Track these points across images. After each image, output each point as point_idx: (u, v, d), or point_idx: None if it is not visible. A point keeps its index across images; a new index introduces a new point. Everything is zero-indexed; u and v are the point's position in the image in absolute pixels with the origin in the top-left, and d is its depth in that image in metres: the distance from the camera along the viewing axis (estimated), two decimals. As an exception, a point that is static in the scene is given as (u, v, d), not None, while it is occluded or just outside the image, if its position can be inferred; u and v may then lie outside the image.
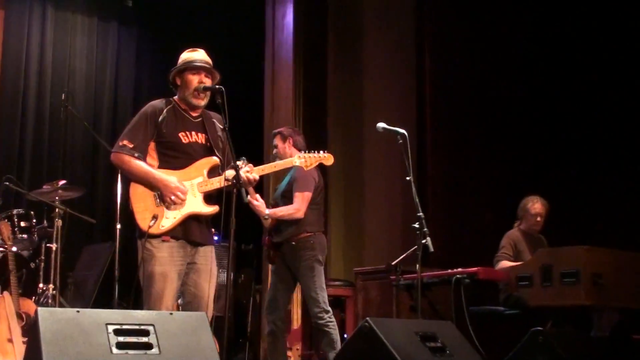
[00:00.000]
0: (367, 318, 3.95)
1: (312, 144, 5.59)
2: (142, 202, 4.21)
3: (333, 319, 5.49)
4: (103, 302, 6.92)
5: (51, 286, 6.31)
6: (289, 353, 6.08)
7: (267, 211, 5.45)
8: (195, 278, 4.32)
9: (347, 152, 8.08)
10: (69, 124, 9.02)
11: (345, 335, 6.81)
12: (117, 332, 3.25)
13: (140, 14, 9.77)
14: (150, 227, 4.13)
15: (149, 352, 3.26)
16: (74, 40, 9.42)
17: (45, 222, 6.59)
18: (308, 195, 5.58)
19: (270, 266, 5.74)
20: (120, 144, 4.30)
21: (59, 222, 6.37)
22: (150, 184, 4.22)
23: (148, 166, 4.27)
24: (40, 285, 6.40)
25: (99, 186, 9.09)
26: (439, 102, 8.19)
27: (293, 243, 5.52)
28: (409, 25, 8.51)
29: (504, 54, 7.80)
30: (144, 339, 3.28)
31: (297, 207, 5.52)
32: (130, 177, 4.28)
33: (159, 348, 3.27)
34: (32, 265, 6.35)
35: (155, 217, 4.15)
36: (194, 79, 4.39)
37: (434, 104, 8.18)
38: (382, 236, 8.29)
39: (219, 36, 9.00)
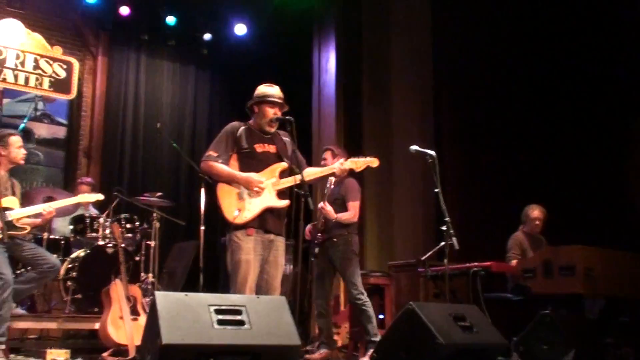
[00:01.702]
0: (410, 302, 3.94)
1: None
2: (227, 199, 4.26)
3: (368, 299, 5.51)
4: (189, 288, 6.97)
5: (150, 275, 6.37)
6: (339, 330, 6.07)
7: (336, 215, 5.44)
8: (267, 268, 4.34)
9: (379, 169, 8.03)
10: (158, 147, 9.19)
11: (381, 316, 6.79)
12: (217, 312, 3.29)
13: (213, 60, 9.86)
14: (235, 218, 4.18)
15: (242, 327, 3.29)
16: (161, 81, 9.57)
17: (144, 224, 6.65)
18: (359, 203, 5.63)
19: (313, 260, 5.73)
20: (207, 154, 4.38)
21: (156, 224, 6.43)
22: (233, 181, 4.27)
23: (231, 168, 4.33)
24: (142, 274, 6.46)
25: (180, 196, 9.17)
26: (454, 127, 8.16)
27: (335, 240, 5.54)
28: (428, 66, 8.49)
29: (509, 86, 7.73)
30: (238, 317, 3.32)
31: (355, 213, 5.59)
32: (217, 179, 4.33)
33: (250, 324, 3.31)
34: (137, 258, 6.41)
35: (239, 210, 4.19)
36: (270, 111, 4.44)
37: (449, 129, 8.16)
38: (408, 236, 8.25)
39: (275, 77, 9.01)
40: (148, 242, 6.55)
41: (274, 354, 3.29)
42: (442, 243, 5.10)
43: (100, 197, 5.66)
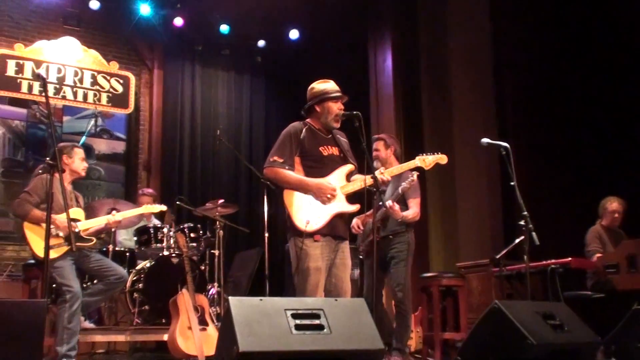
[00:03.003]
0: (496, 300, 3.67)
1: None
2: (296, 206, 4.01)
3: (410, 307, 5.23)
4: (255, 296, 6.80)
5: (216, 284, 6.24)
6: (411, 335, 5.79)
7: (402, 214, 5.17)
8: (335, 271, 4.09)
9: (442, 167, 7.82)
10: (216, 157, 9.14)
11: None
12: (294, 316, 3.11)
13: (267, 68, 9.77)
14: (306, 226, 3.93)
15: (321, 332, 3.09)
16: (216, 91, 9.52)
17: (208, 233, 6.53)
18: (419, 200, 5.35)
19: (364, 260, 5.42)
20: (272, 159, 4.10)
21: (220, 233, 6.29)
22: (304, 190, 4.03)
23: (299, 175, 4.09)
24: (207, 284, 6.33)
25: (240, 204, 9.02)
26: (519, 118, 7.83)
27: (391, 237, 5.24)
28: (487, 58, 8.18)
29: (576, 71, 7.35)
30: (317, 321, 3.13)
31: (418, 211, 5.26)
32: (285, 186, 4.06)
33: (329, 329, 3.11)
34: (202, 267, 6.29)
35: (309, 218, 3.95)
36: (334, 107, 4.21)
37: (514, 121, 7.83)
38: (473, 234, 7.95)
39: (330, 79, 8.87)
40: (212, 251, 6.41)
41: (357, 358, 3.08)
42: (518, 239, 4.83)
43: (163, 208, 5.59)
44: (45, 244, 3.37)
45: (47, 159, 3.73)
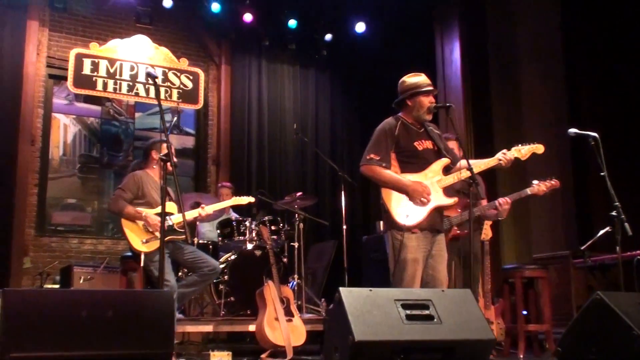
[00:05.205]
0: (598, 292, 3.67)
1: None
2: (395, 202, 4.12)
3: None
4: (332, 289, 6.87)
5: (296, 276, 6.33)
6: (491, 327, 5.77)
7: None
8: (432, 262, 4.16)
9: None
10: (282, 151, 9.26)
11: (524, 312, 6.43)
12: (404, 307, 3.18)
13: (332, 61, 9.77)
14: (405, 221, 4.02)
15: (432, 322, 3.16)
16: (282, 85, 9.60)
17: (286, 225, 6.62)
18: None
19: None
20: (368, 157, 4.21)
21: (300, 225, 6.39)
22: (400, 189, 4.13)
23: (396, 174, 4.18)
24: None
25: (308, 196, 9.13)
26: (593, 110, 7.70)
27: (463, 235, 5.26)
28: (557, 48, 8.06)
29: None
30: (426, 312, 3.20)
31: None
32: (381, 184, 4.19)
33: (439, 319, 3.17)
34: (285, 259, 6.39)
35: (409, 213, 4.04)
36: (426, 100, 4.29)
37: (588, 113, 7.70)
38: (546, 228, 7.88)
39: (396, 72, 8.85)
40: (292, 244, 6.50)
41: (468, 349, 3.13)
42: (603, 230, 4.80)
43: (251, 199, 5.70)
44: (160, 236, 3.50)
45: (161, 154, 3.88)
